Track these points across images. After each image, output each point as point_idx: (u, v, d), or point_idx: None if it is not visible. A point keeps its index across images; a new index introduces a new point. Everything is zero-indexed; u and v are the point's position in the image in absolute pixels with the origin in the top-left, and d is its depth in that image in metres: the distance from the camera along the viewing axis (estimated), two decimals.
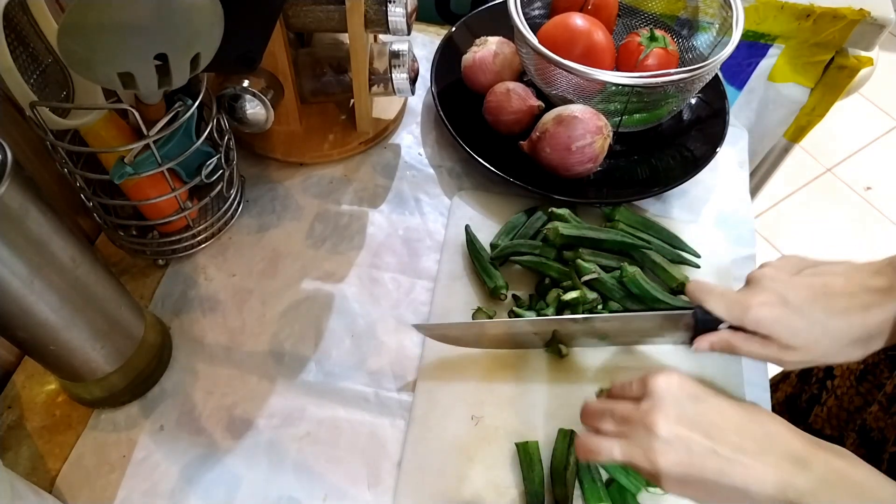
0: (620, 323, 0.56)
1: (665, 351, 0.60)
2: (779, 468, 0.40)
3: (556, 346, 0.58)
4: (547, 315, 0.59)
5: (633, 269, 0.59)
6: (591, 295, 0.59)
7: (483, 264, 0.62)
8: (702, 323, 0.51)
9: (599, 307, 0.60)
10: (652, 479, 0.42)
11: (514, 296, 0.62)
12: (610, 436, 0.44)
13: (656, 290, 0.59)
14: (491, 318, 0.60)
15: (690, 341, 0.53)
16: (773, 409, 0.62)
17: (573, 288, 0.59)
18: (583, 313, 0.58)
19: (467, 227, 0.65)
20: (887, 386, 0.59)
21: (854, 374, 0.64)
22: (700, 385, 0.44)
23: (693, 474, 0.41)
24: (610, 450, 0.43)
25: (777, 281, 0.49)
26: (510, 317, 0.61)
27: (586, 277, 0.59)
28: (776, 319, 0.47)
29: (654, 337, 0.56)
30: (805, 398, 0.72)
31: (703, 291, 0.51)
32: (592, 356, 0.59)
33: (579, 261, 0.60)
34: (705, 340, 0.51)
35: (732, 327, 0.50)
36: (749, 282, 0.51)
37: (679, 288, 0.61)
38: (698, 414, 0.42)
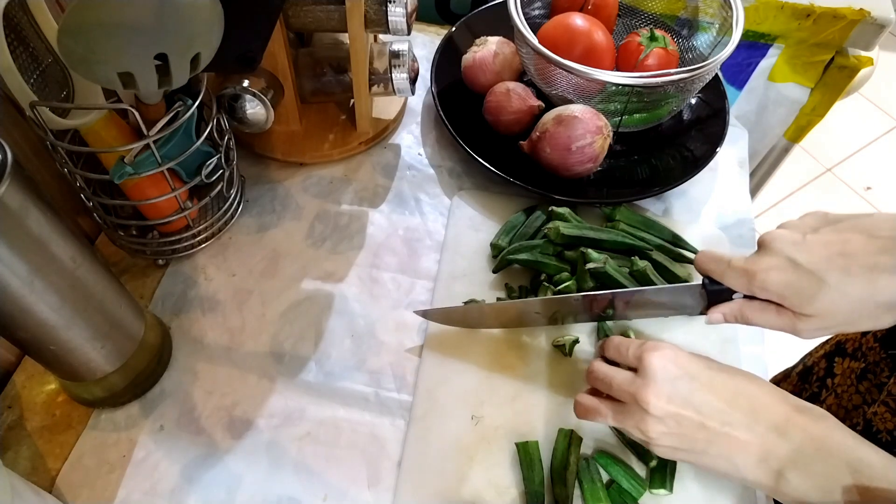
0: (629, 297, 0.55)
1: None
2: (762, 438, 0.42)
3: (568, 346, 0.58)
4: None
5: (643, 263, 0.59)
6: (590, 283, 0.59)
7: None
8: (714, 294, 0.49)
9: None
10: (643, 444, 0.45)
11: (506, 285, 0.63)
12: (606, 400, 0.47)
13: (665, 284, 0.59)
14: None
15: (705, 313, 0.51)
16: None
17: (568, 280, 0.59)
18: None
19: None
20: (891, 386, 0.59)
21: (854, 373, 0.64)
22: (694, 358, 0.45)
23: (683, 446, 0.43)
24: (605, 415, 0.46)
25: (787, 242, 0.45)
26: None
27: (591, 265, 0.59)
28: (786, 284, 0.44)
29: (664, 310, 0.55)
30: (805, 397, 0.72)
31: (710, 260, 0.49)
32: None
33: (590, 250, 0.60)
34: (718, 311, 0.49)
35: (747, 297, 0.48)
36: (760, 245, 0.48)
37: None
38: (690, 392, 0.43)
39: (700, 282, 0.51)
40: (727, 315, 0.49)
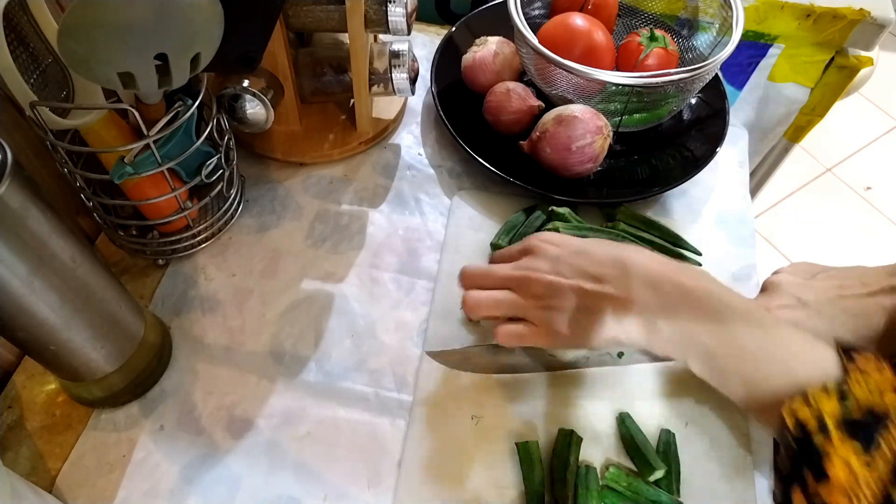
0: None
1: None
2: (636, 293, 0.45)
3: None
4: None
5: None
6: None
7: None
8: None
9: None
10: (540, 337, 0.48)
11: None
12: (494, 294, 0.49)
13: None
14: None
15: None
16: None
17: None
18: None
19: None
20: None
21: None
22: (573, 238, 0.50)
23: (566, 315, 0.46)
24: (498, 302, 0.49)
25: (793, 285, 0.51)
26: None
27: None
28: (797, 321, 0.49)
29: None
30: None
31: None
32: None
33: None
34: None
35: None
36: (765, 288, 0.53)
37: None
38: (567, 260, 0.47)
39: None
40: None
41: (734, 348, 0.42)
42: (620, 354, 0.57)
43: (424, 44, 0.85)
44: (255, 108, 0.63)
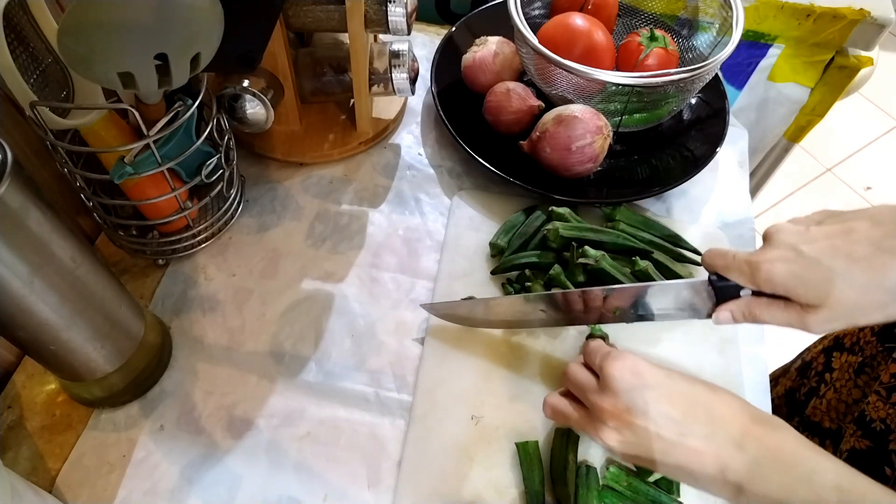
0: (634, 293, 0.53)
1: (667, 354, 0.60)
2: (718, 450, 0.42)
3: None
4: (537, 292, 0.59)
5: (644, 263, 0.59)
6: (581, 277, 0.60)
7: None
8: (721, 291, 0.48)
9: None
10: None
11: (503, 284, 0.63)
12: (576, 404, 0.48)
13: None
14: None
15: (709, 316, 0.50)
16: (773, 403, 0.63)
17: (559, 273, 0.60)
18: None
19: None
20: (883, 376, 0.59)
21: (853, 367, 0.64)
22: (654, 368, 0.46)
23: (640, 454, 0.44)
24: (570, 418, 0.48)
25: (792, 233, 0.45)
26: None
27: (583, 259, 0.59)
28: (791, 275, 0.44)
29: (672, 310, 0.53)
30: (804, 391, 0.72)
31: (715, 257, 0.49)
32: None
33: (586, 247, 0.60)
34: (725, 310, 0.48)
35: (756, 294, 0.47)
36: (764, 238, 0.48)
37: None
38: (645, 402, 0.44)
39: (705, 278, 0.50)
40: (734, 312, 0.48)
41: None
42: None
43: (424, 44, 0.85)
44: (255, 108, 0.63)
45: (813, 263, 0.43)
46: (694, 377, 0.46)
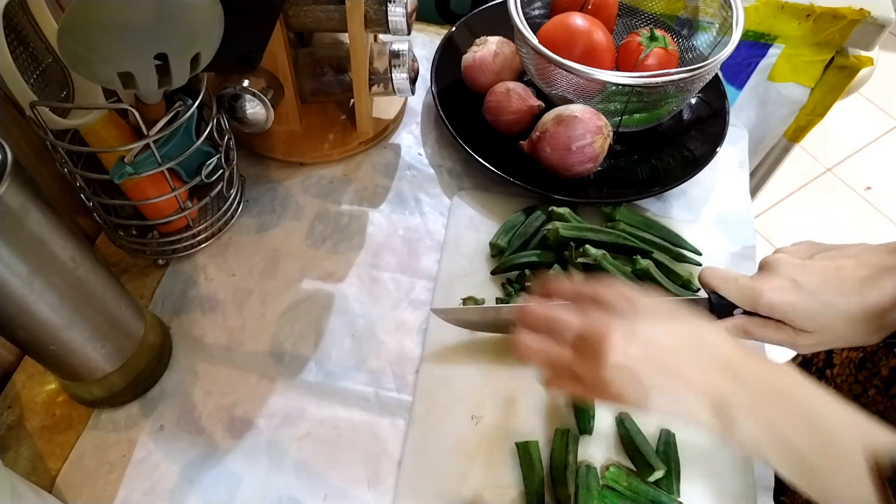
0: None
1: None
2: (713, 377, 0.40)
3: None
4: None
5: (646, 262, 0.59)
6: (580, 277, 0.60)
7: None
8: (717, 308, 0.51)
9: None
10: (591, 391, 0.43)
11: (503, 284, 0.63)
12: (550, 343, 0.44)
13: (670, 284, 0.59)
14: (479, 304, 0.61)
15: None
16: None
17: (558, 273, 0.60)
18: None
19: None
20: (883, 370, 0.60)
21: (853, 363, 0.65)
22: (650, 301, 0.44)
23: (632, 397, 0.41)
24: (550, 362, 0.44)
25: (789, 266, 0.49)
26: (497, 303, 0.61)
27: (581, 259, 0.59)
28: (789, 304, 0.48)
29: None
30: None
31: (716, 277, 0.52)
32: None
33: (587, 246, 0.60)
34: (721, 326, 0.51)
35: (747, 312, 0.50)
36: (762, 267, 0.52)
37: (685, 284, 0.61)
38: (649, 339, 0.41)
39: (706, 296, 0.52)
40: (729, 330, 0.51)
41: (832, 458, 0.39)
42: None
43: (424, 44, 0.85)
44: (255, 108, 0.63)
45: (809, 295, 0.47)
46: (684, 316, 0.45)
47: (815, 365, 0.72)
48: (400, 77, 0.68)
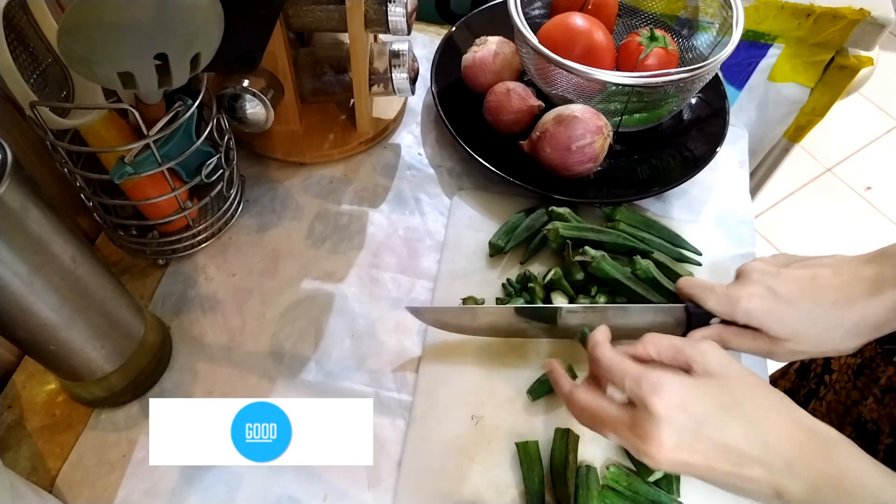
0: (612, 315, 0.54)
1: None
2: (774, 476, 0.39)
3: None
4: (536, 297, 0.59)
5: (646, 262, 0.59)
6: (579, 275, 0.60)
7: None
8: (694, 317, 0.52)
9: (594, 292, 0.60)
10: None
11: (504, 284, 0.63)
12: (610, 402, 0.42)
13: (670, 284, 0.59)
14: (479, 304, 0.61)
15: (684, 336, 0.53)
16: None
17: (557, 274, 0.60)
18: (572, 296, 0.59)
19: None
20: (882, 379, 0.60)
21: (851, 369, 0.65)
22: (701, 396, 0.41)
23: (694, 475, 0.41)
24: (603, 425, 0.42)
25: (766, 274, 0.50)
26: (497, 304, 0.61)
27: (578, 258, 0.59)
28: (765, 311, 0.48)
29: (646, 331, 0.54)
30: (803, 393, 0.72)
31: (693, 287, 0.53)
32: None
33: (587, 247, 0.60)
34: (697, 335, 0.51)
35: (724, 322, 0.51)
36: (739, 275, 0.52)
37: None
38: (697, 438, 0.40)
39: (682, 304, 0.53)
40: (706, 338, 0.49)
41: None
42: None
43: (424, 44, 0.85)
44: (255, 108, 0.63)
45: (785, 303, 0.48)
46: (742, 385, 0.42)
47: (812, 371, 0.72)
48: (400, 77, 0.68)
